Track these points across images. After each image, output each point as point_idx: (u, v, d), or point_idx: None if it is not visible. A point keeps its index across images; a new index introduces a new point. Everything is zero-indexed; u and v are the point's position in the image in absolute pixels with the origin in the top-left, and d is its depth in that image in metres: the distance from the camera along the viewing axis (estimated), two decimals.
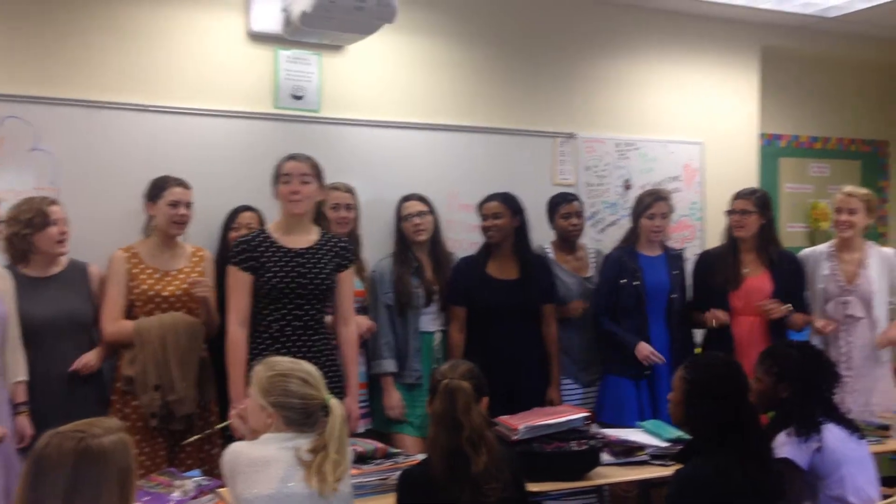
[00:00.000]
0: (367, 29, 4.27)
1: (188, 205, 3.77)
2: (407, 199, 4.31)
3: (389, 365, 4.09)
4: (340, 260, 3.56)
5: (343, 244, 3.61)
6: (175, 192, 3.74)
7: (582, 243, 4.66)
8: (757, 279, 4.35)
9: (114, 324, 3.66)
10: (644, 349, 4.21)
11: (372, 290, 4.18)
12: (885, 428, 3.87)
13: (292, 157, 3.53)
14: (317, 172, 3.54)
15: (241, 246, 3.48)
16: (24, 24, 3.98)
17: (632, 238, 4.48)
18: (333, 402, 2.48)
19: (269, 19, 4.37)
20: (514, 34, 5.08)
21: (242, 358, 3.37)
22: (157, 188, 3.76)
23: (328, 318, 3.63)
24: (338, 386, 3.52)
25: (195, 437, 3.49)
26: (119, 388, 3.66)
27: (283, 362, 2.57)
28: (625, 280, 4.32)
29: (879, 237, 6.42)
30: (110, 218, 4.01)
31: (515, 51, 5.07)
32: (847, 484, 2.99)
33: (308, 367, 2.55)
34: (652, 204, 4.39)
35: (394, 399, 4.09)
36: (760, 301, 4.28)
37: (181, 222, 3.77)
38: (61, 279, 3.65)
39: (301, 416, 2.46)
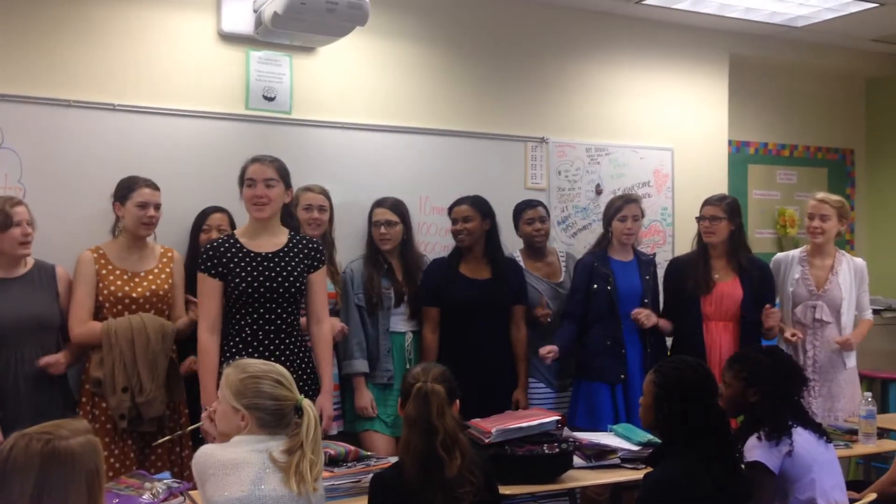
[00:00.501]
0: (339, 31, 4.27)
1: (157, 206, 3.74)
2: (379, 204, 4.28)
3: (361, 365, 4.07)
4: (311, 261, 3.54)
5: (313, 245, 3.59)
6: (144, 194, 3.70)
7: (553, 248, 4.67)
8: (727, 284, 4.38)
9: (82, 325, 3.61)
10: (543, 349, 4.17)
11: (343, 292, 4.17)
12: (853, 432, 3.91)
13: (257, 160, 3.49)
14: (282, 175, 3.50)
15: (209, 252, 3.44)
16: None
17: (603, 243, 4.49)
18: (306, 403, 2.47)
19: (240, 20, 4.35)
20: (486, 39, 5.09)
21: (213, 364, 3.34)
22: (126, 189, 3.72)
23: (303, 320, 3.60)
24: (313, 388, 3.51)
25: (165, 438, 3.46)
26: (88, 389, 3.62)
27: (255, 364, 2.55)
28: (597, 286, 4.34)
29: (846, 244, 6.51)
30: (77, 218, 3.96)
31: (487, 55, 5.08)
32: (816, 487, 3.02)
33: (280, 369, 2.54)
34: (623, 206, 4.40)
35: (365, 399, 4.07)
36: (732, 306, 4.32)
37: (150, 224, 3.73)
38: (27, 280, 3.59)
39: (274, 417, 2.44)
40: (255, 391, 2.44)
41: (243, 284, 3.38)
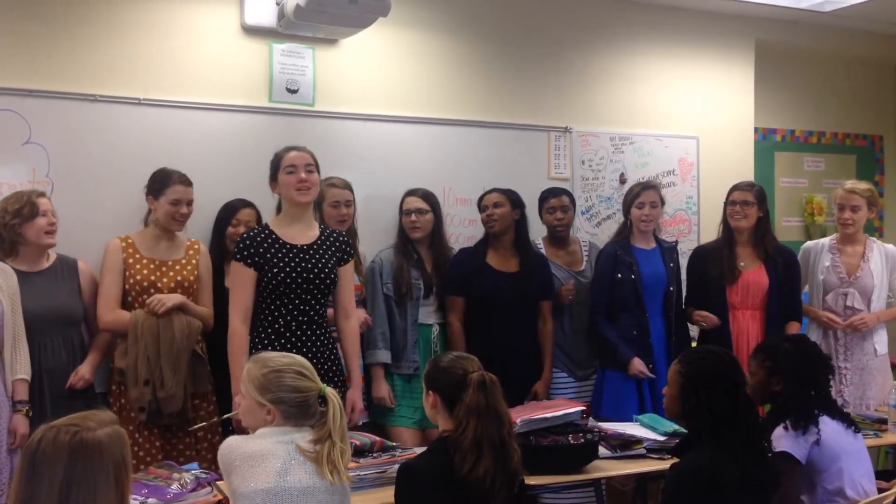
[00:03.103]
0: (361, 22, 4.26)
1: (189, 203, 3.78)
2: (410, 193, 4.30)
3: (383, 356, 4.08)
4: (342, 254, 3.56)
5: (343, 238, 3.61)
6: (177, 191, 3.74)
7: (575, 237, 4.65)
8: (753, 273, 4.35)
9: (110, 313, 3.65)
10: (636, 366, 4.19)
11: (370, 281, 4.18)
12: (882, 422, 3.87)
13: (293, 148, 3.51)
14: (317, 163, 3.53)
15: (245, 242, 3.44)
16: (18, 18, 3.95)
17: (625, 231, 4.48)
18: (329, 392, 2.47)
19: (262, 13, 4.35)
20: (509, 28, 5.06)
21: (244, 354, 3.33)
22: (161, 184, 3.75)
23: (329, 311, 3.62)
24: (339, 379, 3.53)
25: (201, 424, 3.48)
26: (115, 377, 3.66)
27: (276, 358, 2.55)
28: (621, 275, 4.32)
29: (875, 231, 6.44)
30: (104, 211, 4.00)
31: (510, 45, 5.06)
32: (845, 477, 3.01)
33: (300, 360, 2.53)
34: (640, 193, 4.39)
35: (383, 390, 4.06)
36: (759, 294, 4.28)
37: (181, 220, 3.78)
38: (50, 274, 3.64)
39: (299, 409, 2.45)
40: (278, 385, 2.45)
41: (281, 275, 3.39)
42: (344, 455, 2.40)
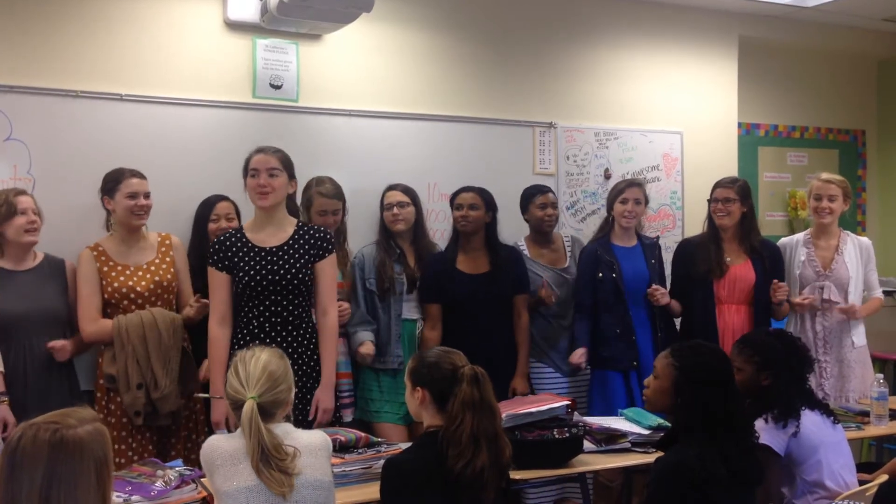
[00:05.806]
0: (345, 18, 4.25)
1: (146, 195, 3.72)
2: (391, 188, 4.30)
3: (365, 335, 4.04)
4: (317, 250, 3.53)
5: (320, 234, 3.58)
6: (132, 184, 3.68)
7: (557, 234, 4.65)
8: (740, 268, 4.36)
9: (93, 323, 3.62)
10: (574, 355, 4.24)
11: (352, 276, 4.16)
12: (865, 414, 3.89)
13: (260, 151, 3.51)
14: (285, 165, 3.51)
15: (216, 246, 3.50)
16: None
17: (606, 228, 4.49)
18: (247, 406, 2.37)
19: (245, 8, 4.34)
20: (493, 23, 5.06)
21: (222, 356, 3.37)
22: (113, 181, 3.70)
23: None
24: (320, 380, 3.52)
25: (204, 395, 3.48)
26: (102, 384, 3.63)
27: (247, 349, 2.54)
28: (602, 274, 4.32)
29: (857, 225, 6.47)
30: (86, 208, 3.94)
31: (495, 40, 5.06)
32: (824, 469, 3.02)
33: (254, 364, 2.45)
34: (625, 189, 4.41)
35: (366, 346, 4.01)
36: (745, 289, 4.30)
37: (142, 213, 3.71)
38: (36, 273, 3.61)
39: (233, 407, 2.44)
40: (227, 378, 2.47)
41: (246, 278, 3.42)
42: (283, 463, 2.34)
